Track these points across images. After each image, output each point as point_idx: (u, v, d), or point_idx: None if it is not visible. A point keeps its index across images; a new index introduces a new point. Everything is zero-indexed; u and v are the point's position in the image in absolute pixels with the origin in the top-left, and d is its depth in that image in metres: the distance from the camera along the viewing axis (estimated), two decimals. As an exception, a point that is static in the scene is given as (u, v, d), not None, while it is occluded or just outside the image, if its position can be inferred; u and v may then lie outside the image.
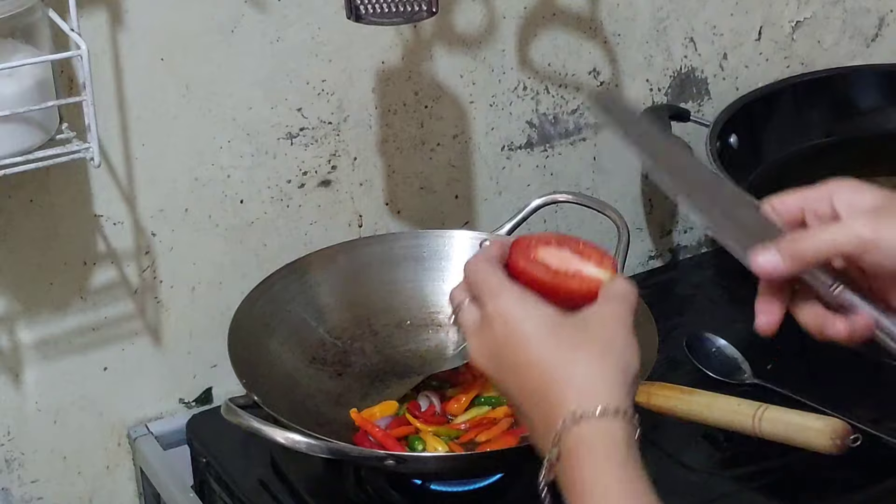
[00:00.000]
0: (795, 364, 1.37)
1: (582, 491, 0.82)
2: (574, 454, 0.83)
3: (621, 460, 0.82)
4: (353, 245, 1.39)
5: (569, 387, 0.84)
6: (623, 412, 0.83)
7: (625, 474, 0.82)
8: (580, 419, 0.83)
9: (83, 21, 1.19)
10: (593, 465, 0.82)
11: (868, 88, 1.66)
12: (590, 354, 0.85)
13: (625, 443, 0.82)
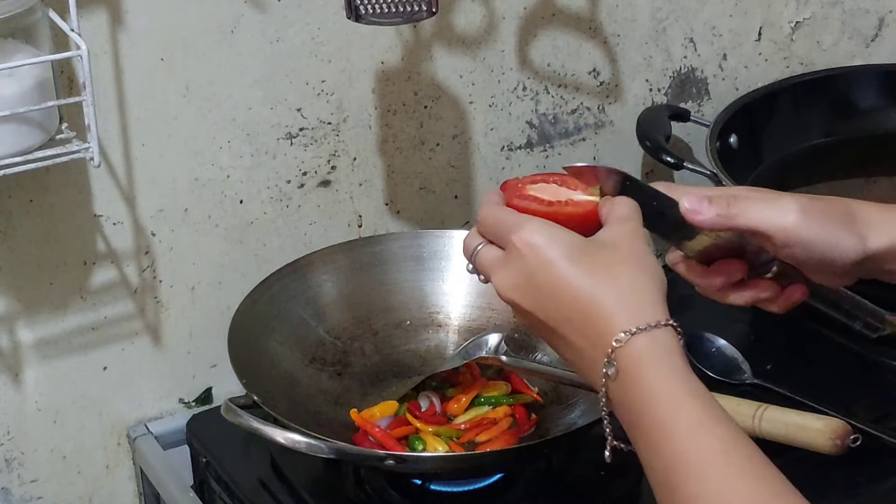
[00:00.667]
0: (795, 364, 1.37)
1: (650, 401, 0.83)
2: (634, 369, 0.84)
3: (682, 366, 0.84)
4: (353, 245, 1.39)
5: (615, 305, 0.85)
6: (670, 323, 0.85)
7: (687, 378, 0.83)
8: (634, 335, 0.84)
9: (83, 21, 1.19)
10: (658, 375, 0.84)
11: (867, 88, 1.66)
12: (628, 272, 0.87)
13: (678, 351, 0.84)
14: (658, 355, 0.84)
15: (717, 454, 0.81)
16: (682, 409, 0.83)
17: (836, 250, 0.93)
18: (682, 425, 0.82)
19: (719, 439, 0.81)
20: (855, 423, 1.19)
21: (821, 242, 0.93)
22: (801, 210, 0.93)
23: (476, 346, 1.28)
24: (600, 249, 0.89)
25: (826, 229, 0.93)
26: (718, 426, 0.82)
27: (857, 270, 0.95)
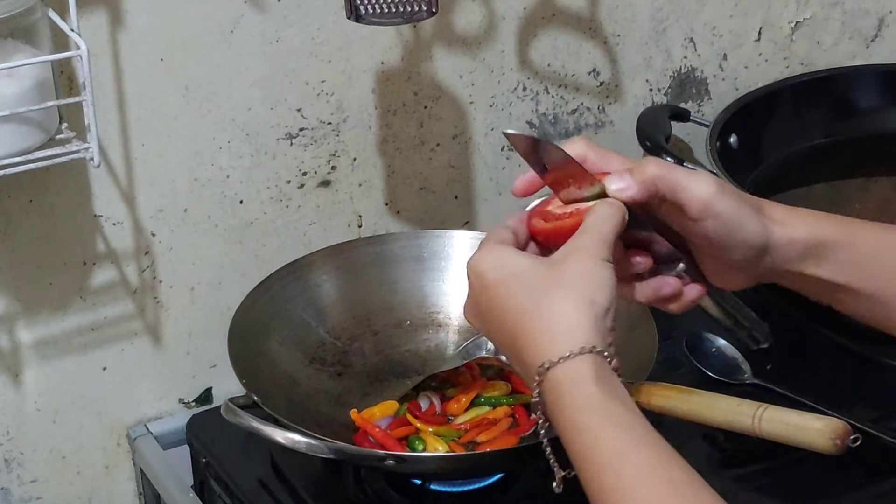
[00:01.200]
0: (795, 364, 1.37)
1: (572, 433, 0.85)
2: (553, 400, 0.86)
3: (598, 394, 0.85)
4: (353, 245, 1.39)
5: (538, 335, 0.88)
6: (591, 348, 0.86)
7: (603, 406, 0.85)
8: (550, 369, 0.86)
9: (83, 21, 1.19)
10: (575, 407, 0.85)
11: (867, 88, 1.66)
12: (553, 299, 0.89)
13: (594, 379, 0.85)
14: (574, 386, 0.86)
15: (641, 480, 0.82)
16: (600, 440, 0.84)
17: (744, 232, 0.94)
18: (604, 456, 0.83)
19: (639, 465, 0.82)
20: (855, 423, 1.18)
21: (732, 220, 0.93)
22: (718, 184, 0.94)
23: (476, 346, 1.28)
24: (537, 274, 0.91)
25: (738, 209, 0.94)
26: (638, 453, 0.83)
27: (757, 266, 0.96)
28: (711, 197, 0.93)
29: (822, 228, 0.95)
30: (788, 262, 0.95)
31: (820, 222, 0.96)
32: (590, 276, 0.90)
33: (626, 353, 1.26)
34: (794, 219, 0.96)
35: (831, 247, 0.95)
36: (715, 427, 1.19)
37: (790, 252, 0.95)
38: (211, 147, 1.33)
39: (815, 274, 0.95)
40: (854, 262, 0.95)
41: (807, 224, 0.96)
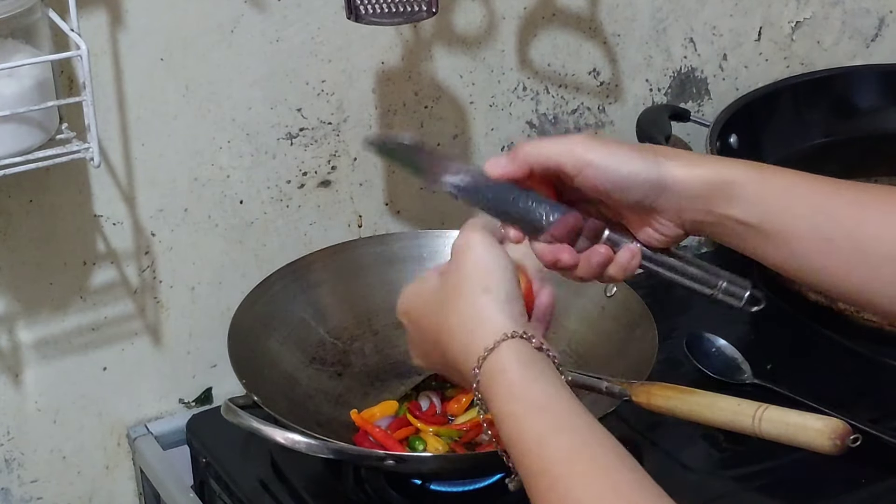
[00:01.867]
0: (795, 364, 1.38)
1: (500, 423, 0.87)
2: (486, 397, 0.89)
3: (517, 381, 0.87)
4: (353, 245, 1.39)
5: (456, 350, 0.91)
6: (506, 335, 0.88)
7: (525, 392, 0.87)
8: (478, 366, 0.88)
9: (83, 21, 1.19)
10: (499, 398, 0.88)
11: (868, 88, 1.66)
12: (455, 306, 0.92)
13: (515, 366, 0.88)
14: (497, 377, 0.88)
15: (562, 464, 0.83)
16: (522, 427, 0.86)
17: (627, 170, 0.95)
18: (527, 442, 0.85)
19: (559, 449, 0.84)
20: (855, 423, 1.18)
21: (609, 163, 0.95)
22: (589, 138, 0.96)
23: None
24: (443, 283, 0.95)
25: (615, 153, 0.95)
26: (558, 437, 0.84)
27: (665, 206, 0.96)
28: (582, 149, 0.95)
29: (730, 168, 0.97)
30: (696, 199, 0.96)
31: (729, 163, 0.98)
32: (476, 269, 0.93)
33: (626, 353, 1.27)
34: (700, 159, 0.98)
35: (740, 185, 0.95)
36: (715, 427, 1.19)
37: (696, 188, 0.95)
38: (211, 147, 1.33)
39: (727, 213, 0.96)
40: (763, 202, 0.95)
41: (711, 163, 0.97)
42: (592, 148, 0.95)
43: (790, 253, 0.96)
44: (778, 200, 0.96)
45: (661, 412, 1.18)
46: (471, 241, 0.94)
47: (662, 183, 0.95)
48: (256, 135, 1.35)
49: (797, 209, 0.95)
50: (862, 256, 0.93)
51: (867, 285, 0.94)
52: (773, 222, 0.95)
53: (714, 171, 0.96)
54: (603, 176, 0.95)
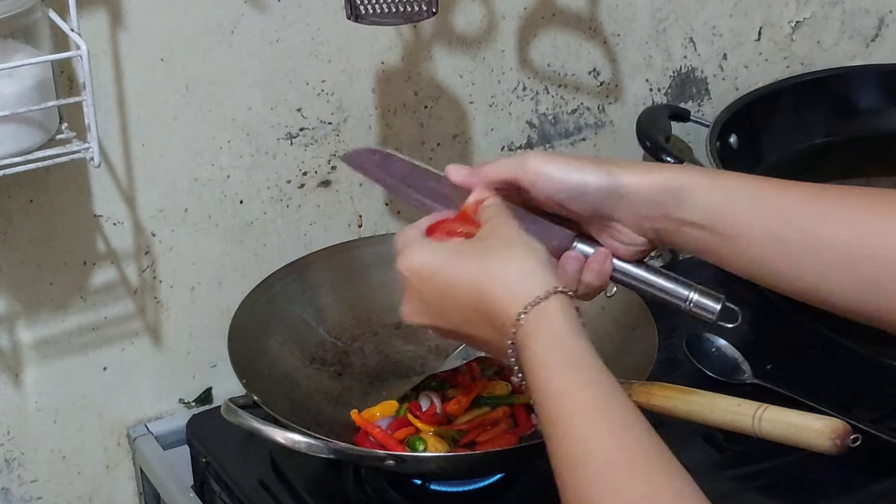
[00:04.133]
0: (795, 364, 1.38)
1: (532, 371, 0.89)
2: (524, 344, 0.90)
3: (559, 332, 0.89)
4: (353, 245, 1.40)
5: (500, 294, 0.92)
6: (555, 289, 0.90)
7: (562, 343, 0.89)
8: (524, 314, 0.90)
9: (83, 21, 1.19)
10: (539, 345, 0.89)
11: (868, 88, 1.67)
12: (499, 258, 0.94)
13: (561, 317, 0.89)
14: (542, 325, 0.90)
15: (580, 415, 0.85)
16: (552, 375, 0.88)
17: (580, 179, 0.99)
18: (553, 391, 0.87)
19: (582, 401, 0.86)
20: (855, 423, 1.18)
21: (562, 175, 0.99)
22: (542, 153, 1.02)
23: (476, 346, 1.28)
24: (471, 247, 0.96)
25: (567, 164, 0.99)
26: (583, 391, 0.86)
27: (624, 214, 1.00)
28: (534, 164, 0.99)
29: (682, 175, 0.99)
30: (651, 204, 0.98)
31: (681, 170, 1.00)
32: (521, 235, 0.96)
33: (626, 353, 1.27)
34: (653, 167, 1.01)
35: (689, 189, 0.98)
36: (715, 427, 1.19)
37: (649, 194, 0.98)
38: (211, 147, 1.33)
39: (681, 217, 0.98)
40: (714, 205, 0.97)
41: (663, 170, 1.00)
42: (545, 161, 1.00)
43: (746, 256, 0.98)
44: (728, 203, 0.97)
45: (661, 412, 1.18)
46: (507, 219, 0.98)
47: (615, 190, 0.99)
48: (256, 135, 1.35)
49: (747, 211, 0.97)
50: (815, 257, 0.95)
51: (822, 285, 0.96)
52: (725, 225, 0.97)
53: (665, 178, 0.99)
54: (556, 185, 0.99)
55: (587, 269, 1.02)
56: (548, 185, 0.99)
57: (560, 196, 0.99)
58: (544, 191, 0.99)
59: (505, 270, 0.93)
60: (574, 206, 1.00)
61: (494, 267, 0.93)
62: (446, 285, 0.95)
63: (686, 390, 1.21)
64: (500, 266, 0.93)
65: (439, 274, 0.96)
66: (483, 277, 0.93)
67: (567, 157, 1.00)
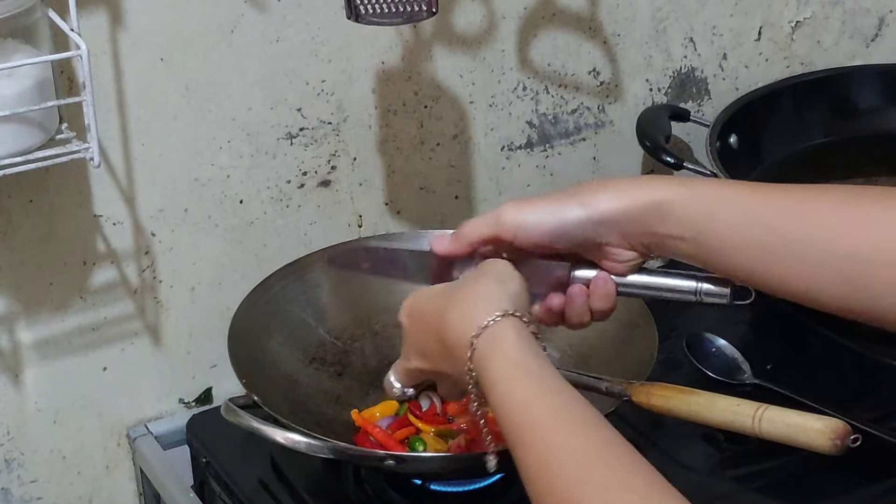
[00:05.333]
0: (795, 364, 1.37)
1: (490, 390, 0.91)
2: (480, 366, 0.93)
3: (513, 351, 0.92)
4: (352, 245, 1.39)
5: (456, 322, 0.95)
6: (508, 312, 0.93)
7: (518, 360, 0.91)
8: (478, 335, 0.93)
9: (83, 21, 1.19)
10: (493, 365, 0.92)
11: (868, 88, 1.66)
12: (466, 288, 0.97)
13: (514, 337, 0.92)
14: (496, 345, 0.92)
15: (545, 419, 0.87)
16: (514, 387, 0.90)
17: (556, 219, 1.00)
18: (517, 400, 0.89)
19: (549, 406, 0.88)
20: (855, 423, 1.18)
21: (538, 219, 1.01)
22: (514, 203, 1.02)
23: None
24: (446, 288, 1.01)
25: (540, 208, 1.01)
26: (546, 397, 0.89)
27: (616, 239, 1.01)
28: (511, 216, 1.01)
29: (656, 189, 0.99)
30: (636, 224, 0.99)
31: (655, 184, 1.01)
32: (494, 270, 0.99)
33: (626, 354, 1.27)
34: (629, 185, 1.01)
35: (668, 203, 0.98)
36: (715, 427, 1.19)
37: (631, 216, 0.99)
38: (211, 147, 1.33)
39: (665, 232, 0.99)
40: (694, 215, 0.98)
41: (638, 188, 1.00)
42: (518, 211, 1.01)
43: (730, 260, 0.98)
44: (707, 211, 0.98)
45: (660, 412, 1.18)
46: (496, 260, 1.02)
47: (595, 220, 1.00)
48: (256, 135, 1.35)
49: (727, 218, 0.97)
50: (796, 259, 0.95)
51: (806, 286, 0.96)
52: (707, 234, 0.98)
53: (641, 195, 0.99)
54: (537, 233, 1.01)
55: (592, 295, 1.04)
56: (528, 234, 1.01)
57: (544, 241, 1.01)
58: (527, 240, 1.01)
59: (463, 297, 0.96)
60: (561, 245, 1.01)
61: (456, 296, 0.97)
62: (423, 322, 1.00)
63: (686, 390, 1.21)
64: (462, 296, 0.97)
65: (420, 312, 1.01)
66: (444, 307, 0.97)
67: (538, 201, 1.02)
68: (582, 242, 1.01)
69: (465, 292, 0.97)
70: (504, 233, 1.02)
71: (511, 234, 1.01)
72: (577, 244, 1.01)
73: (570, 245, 1.01)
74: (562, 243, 1.01)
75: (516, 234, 1.01)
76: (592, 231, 1.00)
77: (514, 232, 1.01)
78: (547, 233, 1.01)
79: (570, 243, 1.01)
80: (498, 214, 1.02)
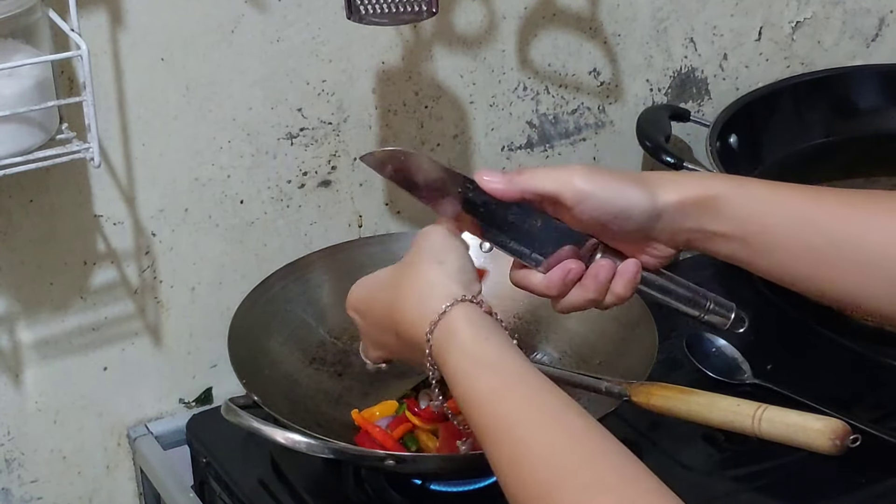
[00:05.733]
0: (795, 364, 1.37)
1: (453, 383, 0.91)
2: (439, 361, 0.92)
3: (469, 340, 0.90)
4: (353, 245, 1.39)
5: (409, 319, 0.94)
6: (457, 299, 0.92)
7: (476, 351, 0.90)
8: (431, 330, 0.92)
9: (83, 21, 1.19)
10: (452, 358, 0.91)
11: (868, 88, 1.66)
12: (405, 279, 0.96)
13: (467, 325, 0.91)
14: (452, 337, 0.91)
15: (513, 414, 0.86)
16: (475, 383, 0.89)
17: (623, 202, 0.97)
18: (480, 397, 0.88)
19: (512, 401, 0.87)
20: (855, 423, 1.18)
21: (607, 196, 0.97)
22: (587, 170, 0.98)
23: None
24: (393, 267, 1.00)
25: (612, 184, 0.98)
26: (510, 390, 0.88)
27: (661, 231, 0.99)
28: (581, 182, 0.97)
29: (714, 183, 0.99)
30: (687, 219, 0.98)
31: (711, 179, 1.01)
32: (429, 247, 0.97)
33: (626, 353, 1.27)
34: (685, 179, 1.00)
35: (723, 200, 0.97)
36: (715, 427, 1.19)
37: (686, 210, 0.98)
38: (211, 147, 1.33)
39: (715, 229, 0.98)
40: (746, 214, 0.97)
41: (698, 182, 0.99)
42: (590, 180, 0.97)
43: (777, 263, 0.98)
44: (760, 212, 0.97)
45: (660, 412, 1.18)
46: (428, 229, 0.99)
47: (658, 211, 0.98)
48: (257, 135, 1.35)
49: (780, 220, 0.97)
50: (847, 263, 0.95)
51: (855, 291, 0.96)
52: (756, 234, 0.97)
53: (699, 189, 0.98)
54: (601, 208, 0.97)
55: (619, 278, 1.01)
56: (593, 206, 0.97)
57: (604, 218, 0.98)
58: (588, 212, 0.98)
59: (410, 292, 0.95)
60: (615, 227, 0.99)
61: (402, 291, 0.95)
62: (374, 316, 0.99)
63: (686, 390, 1.21)
64: (407, 287, 0.95)
65: (369, 307, 1.00)
66: (393, 303, 0.96)
67: (609, 177, 0.98)
68: (636, 230, 0.98)
69: (411, 283, 0.95)
70: (568, 197, 0.97)
71: (575, 200, 0.97)
72: (632, 230, 0.98)
73: (625, 229, 0.98)
74: (617, 225, 0.98)
75: (580, 202, 0.97)
76: (649, 221, 0.98)
77: (580, 200, 0.97)
78: (610, 213, 0.97)
79: (627, 227, 0.98)
80: (570, 176, 0.97)
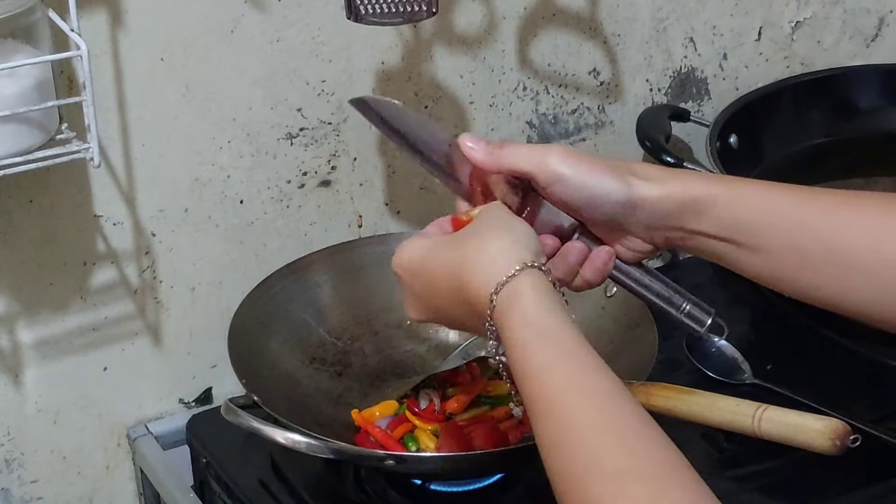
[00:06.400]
0: (795, 364, 1.37)
1: (511, 350, 0.89)
2: (500, 324, 0.90)
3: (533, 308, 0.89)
4: (353, 245, 1.40)
5: (475, 278, 0.92)
6: (526, 264, 0.90)
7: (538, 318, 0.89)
8: (497, 291, 0.90)
9: (83, 21, 1.19)
10: (513, 322, 0.89)
11: (868, 88, 1.66)
12: (473, 242, 0.94)
13: (531, 292, 0.90)
14: (513, 302, 0.89)
15: (562, 391, 0.85)
16: (529, 352, 0.88)
17: (598, 189, 0.97)
18: (532, 368, 0.87)
19: (562, 376, 0.86)
20: (855, 423, 1.19)
21: (580, 181, 0.97)
22: (565, 152, 0.98)
23: (476, 345, 1.28)
24: (462, 232, 0.97)
25: (588, 170, 0.97)
26: (561, 364, 0.86)
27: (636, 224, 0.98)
28: (555, 164, 0.97)
29: (700, 185, 0.97)
30: (667, 217, 0.97)
31: (699, 180, 0.98)
32: (496, 217, 0.96)
33: (626, 353, 1.27)
34: (670, 177, 0.98)
35: (710, 202, 0.96)
36: (715, 427, 1.19)
37: (666, 207, 0.97)
38: (211, 147, 1.33)
39: (698, 229, 0.97)
40: (734, 216, 0.96)
41: (683, 181, 0.98)
42: (566, 163, 0.97)
43: (765, 264, 0.97)
44: (749, 214, 0.96)
45: (660, 412, 1.18)
46: (492, 205, 0.98)
47: (632, 203, 0.97)
48: (257, 135, 1.35)
49: (769, 222, 0.96)
50: (834, 266, 0.94)
51: (843, 294, 0.95)
52: (745, 235, 0.96)
53: (683, 189, 0.97)
54: (573, 193, 0.97)
55: (589, 263, 1.00)
56: (564, 190, 0.97)
57: (575, 204, 0.98)
58: (559, 195, 0.97)
59: (478, 253, 0.92)
60: (586, 213, 0.98)
61: (469, 252, 0.93)
62: (431, 277, 0.96)
63: (686, 390, 1.21)
64: (475, 249, 0.93)
65: (424, 267, 0.97)
66: (459, 263, 0.93)
67: (587, 162, 0.97)
68: (609, 220, 0.98)
69: (482, 246, 0.93)
70: (542, 178, 0.97)
71: (547, 182, 0.97)
72: (601, 219, 0.98)
73: (595, 217, 0.98)
74: (588, 212, 0.98)
75: (552, 184, 0.97)
76: (623, 213, 0.97)
77: (552, 181, 0.97)
78: (583, 198, 0.97)
79: (597, 215, 0.98)
80: (545, 157, 0.97)
